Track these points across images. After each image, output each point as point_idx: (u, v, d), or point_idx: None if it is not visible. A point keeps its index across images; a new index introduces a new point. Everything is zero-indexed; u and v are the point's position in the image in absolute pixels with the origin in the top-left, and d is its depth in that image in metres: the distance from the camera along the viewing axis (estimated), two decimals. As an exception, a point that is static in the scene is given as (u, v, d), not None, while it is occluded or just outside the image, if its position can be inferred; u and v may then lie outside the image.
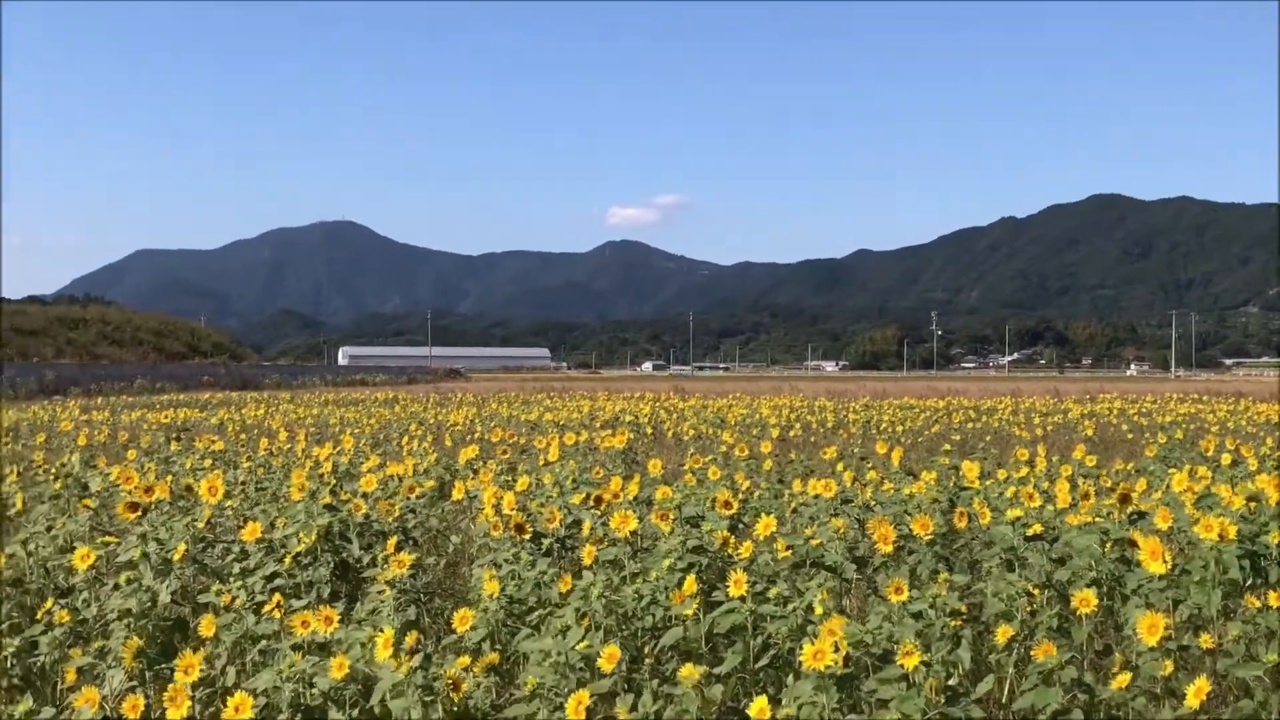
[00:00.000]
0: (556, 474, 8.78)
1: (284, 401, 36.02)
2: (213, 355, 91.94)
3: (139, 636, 4.55)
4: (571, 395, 41.07)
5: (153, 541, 5.91)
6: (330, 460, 9.86)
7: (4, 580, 5.51)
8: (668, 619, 4.81)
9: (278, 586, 5.62)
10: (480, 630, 4.62)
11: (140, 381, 57.02)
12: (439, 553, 7.89)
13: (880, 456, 11.61)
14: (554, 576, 5.12)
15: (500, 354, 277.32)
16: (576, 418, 22.99)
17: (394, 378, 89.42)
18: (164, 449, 14.16)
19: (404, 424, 20.89)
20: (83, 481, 9.00)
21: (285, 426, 19.47)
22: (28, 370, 56.36)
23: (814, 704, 3.59)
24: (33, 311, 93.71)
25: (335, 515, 6.61)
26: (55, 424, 22.08)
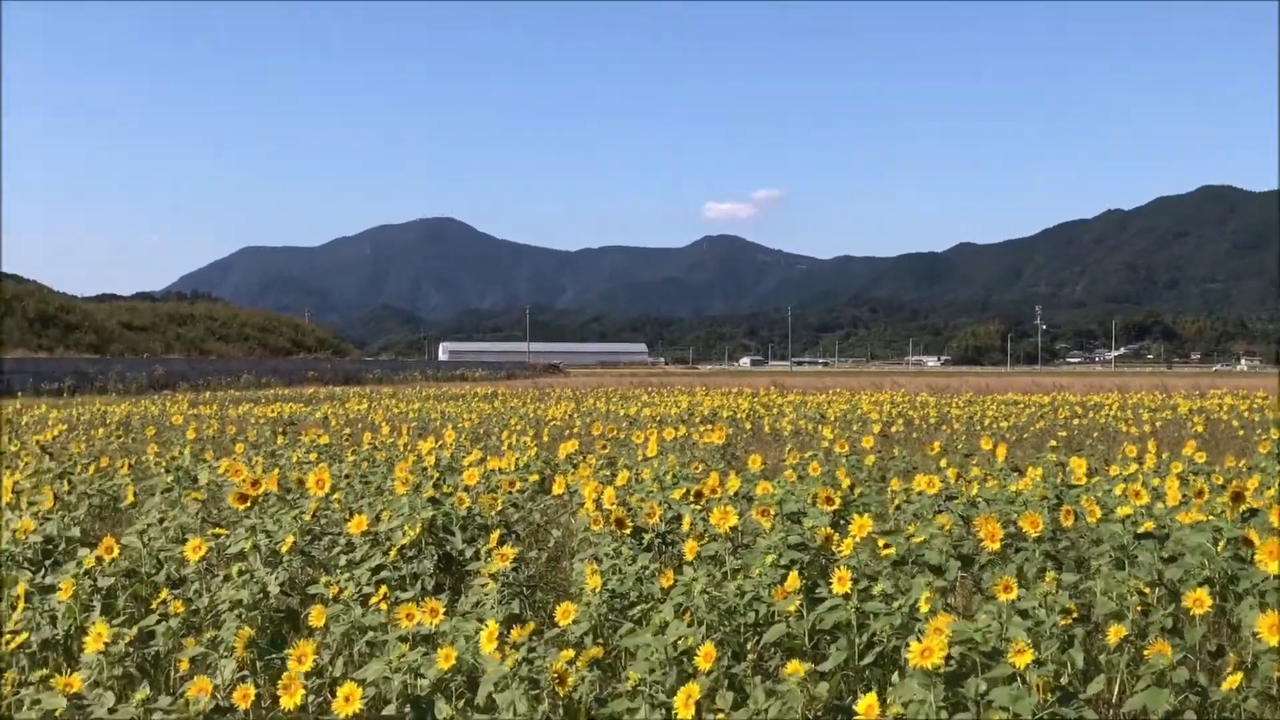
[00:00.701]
0: (656, 469, 8.78)
1: (386, 396, 36.50)
2: (316, 351, 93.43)
3: (249, 627, 4.64)
4: (669, 390, 41.08)
5: (262, 533, 6.02)
6: (433, 454, 9.95)
7: (120, 571, 5.64)
8: (770, 615, 4.79)
9: (384, 579, 5.70)
10: (582, 624, 4.63)
11: (246, 376, 58.13)
12: (540, 546, 7.94)
13: (985, 453, 11.45)
14: (655, 571, 5.12)
15: (598, 349, 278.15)
16: (674, 413, 22.99)
17: (493, 373, 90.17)
18: (270, 443, 14.41)
19: (504, 418, 21.05)
20: (192, 474, 9.19)
21: (388, 421, 19.73)
22: (138, 365, 57.72)
23: (921, 702, 3.55)
24: (142, 308, 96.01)
25: (439, 509, 6.68)
26: (165, 418, 22.56)
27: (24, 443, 14.37)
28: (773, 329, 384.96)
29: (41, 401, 34.86)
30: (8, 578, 5.79)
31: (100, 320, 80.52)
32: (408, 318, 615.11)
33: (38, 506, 7.06)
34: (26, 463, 11.24)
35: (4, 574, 5.89)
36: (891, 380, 61.64)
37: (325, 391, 45.15)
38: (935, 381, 61.38)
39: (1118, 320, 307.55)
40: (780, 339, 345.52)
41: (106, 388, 47.84)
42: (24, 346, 66.99)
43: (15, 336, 68.82)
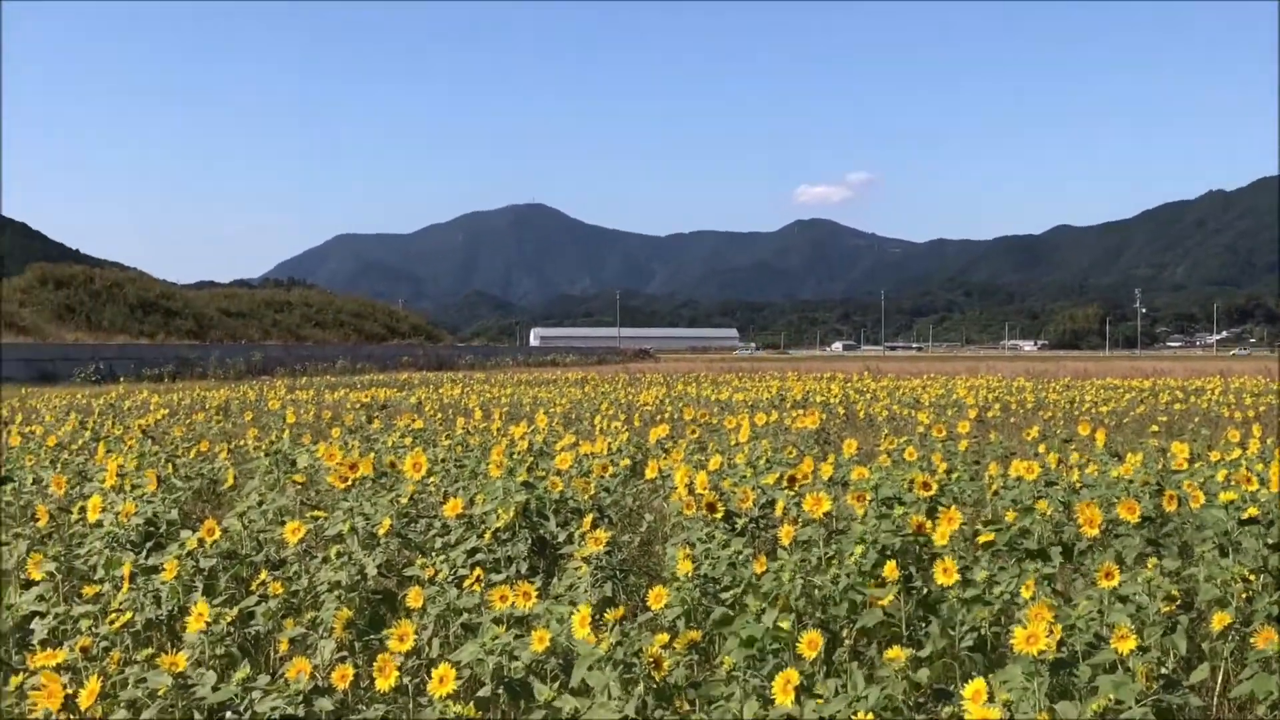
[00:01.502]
0: (749, 454, 8.74)
1: (478, 381, 36.80)
2: (410, 336, 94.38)
3: (348, 608, 4.69)
4: (760, 375, 40.92)
5: (359, 516, 6.09)
6: (525, 439, 10.01)
7: (221, 552, 5.74)
8: (865, 601, 4.74)
9: (478, 561, 5.73)
10: (675, 608, 4.62)
11: (342, 362, 58.97)
12: (632, 530, 7.94)
13: (1084, 438, 11.25)
14: (748, 556, 5.09)
15: (688, 334, 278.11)
16: (766, 398, 22.89)
17: (584, 358, 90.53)
18: (366, 427, 14.60)
19: (595, 403, 21.10)
20: (290, 458, 9.33)
21: (481, 406, 19.89)
22: (236, 351, 58.83)
23: (1025, 689, 3.48)
24: (241, 295, 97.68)
25: (532, 492, 6.71)
26: (263, 403, 22.94)
27: (127, 427, 14.68)
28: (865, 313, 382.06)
29: (143, 386, 35.66)
30: (113, 558, 5.92)
31: (200, 307, 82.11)
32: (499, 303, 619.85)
33: (141, 489, 7.20)
34: (129, 446, 11.49)
35: (109, 555, 6.02)
36: (987, 365, 60.86)
37: (419, 377, 45.64)
38: (1032, 366, 60.49)
39: (1219, 303, 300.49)
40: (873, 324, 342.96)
41: (206, 373, 48.86)
42: (126, 333, 68.52)
43: (118, 323, 70.43)
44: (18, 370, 46.55)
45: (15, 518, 7.59)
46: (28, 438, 12.65)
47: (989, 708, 3.18)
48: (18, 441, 12.07)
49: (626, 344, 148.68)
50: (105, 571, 5.82)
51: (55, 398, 26.53)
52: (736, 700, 3.50)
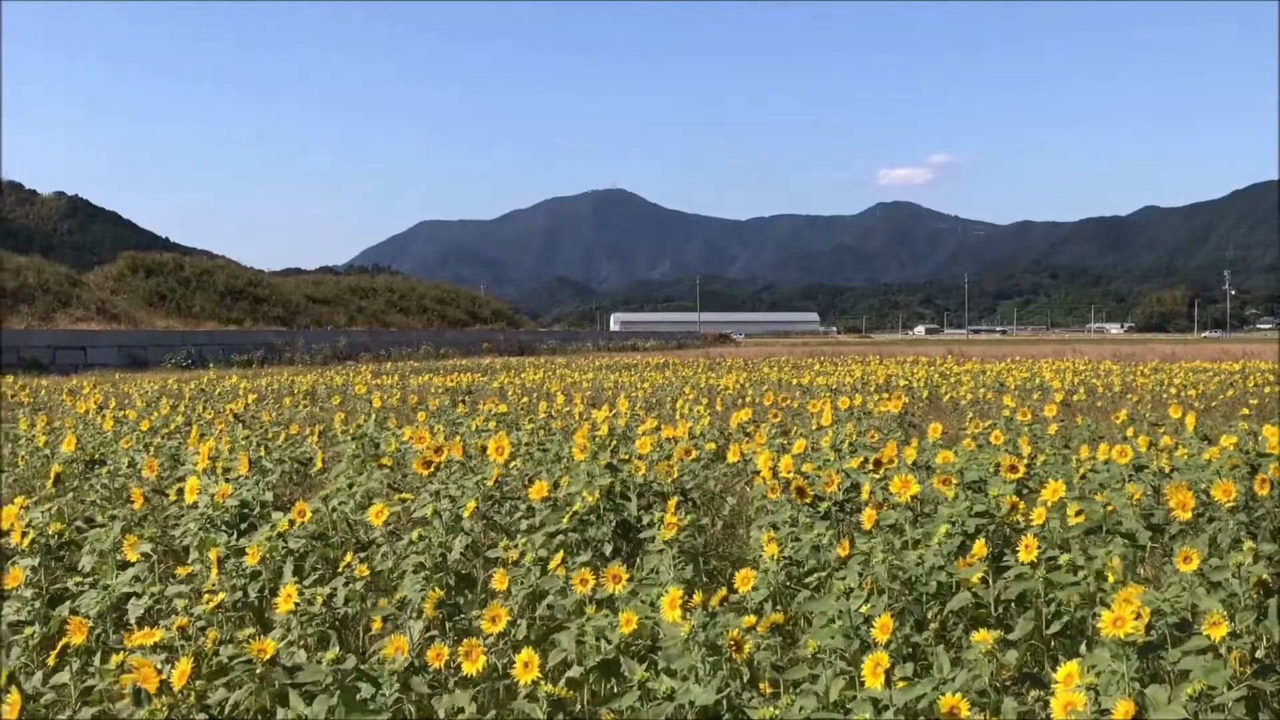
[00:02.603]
0: (833, 437, 8.71)
1: (560, 366, 36.97)
2: (491, 322, 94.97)
3: (434, 589, 4.74)
4: (842, 359, 40.67)
5: (444, 499, 6.15)
6: (607, 423, 10.04)
7: (310, 534, 5.83)
8: (952, 585, 4.71)
9: (562, 543, 5.77)
10: (761, 591, 4.62)
11: (425, 347, 59.59)
12: (715, 514, 7.94)
13: (1173, 422, 11.06)
14: (833, 540, 5.08)
15: (769, 318, 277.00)
16: (849, 382, 22.76)
17: (664, 343, 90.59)
18: (450, 411, 14.74)
19: (676, 388, 21.12)
20: (377, 442, 9.45)
21: (563, 390, 19.99)
22: (322, 337, 59.69)
23: (1113, 672, 3.44)
24: (326, 281, 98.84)
25: (616, 475, 6.73)
26: (349, 387, 23.25)
27: (218, 411, 14.95)
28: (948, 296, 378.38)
29: (232, 372, 36.28)
30: (207, 540, 6.04)
31: (287, 293, 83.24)
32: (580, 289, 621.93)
33: (234, 472, 7.33)
34: (220, 430, 11.71)
35: (204, 536, 6.15)
36: (1073, 348, 59.96)
37: (501, 362, 45.98)
38: (1119, 349, 59.52)
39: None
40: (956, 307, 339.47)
41: (293, 359, 49.63)
42: (215, 319, 69.70)
43: (207, 310, 71.64)
44: (110, 357, 47.60)
45: (111, 500, 7.77)
46: (121, 422, 12.92)
47: (1077, 692, 3.15)
48: (111, 426, 12.33)
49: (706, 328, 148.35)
50: (200, 553, 5.94)
51: (147, 383, 27.08)
52: (822, 682, 3.50)
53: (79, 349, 47.97)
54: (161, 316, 66.87)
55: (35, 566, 5.46)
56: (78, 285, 65.59)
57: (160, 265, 76.32)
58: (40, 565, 5.50)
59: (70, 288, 64.03)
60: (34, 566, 5.45)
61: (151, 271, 74.42)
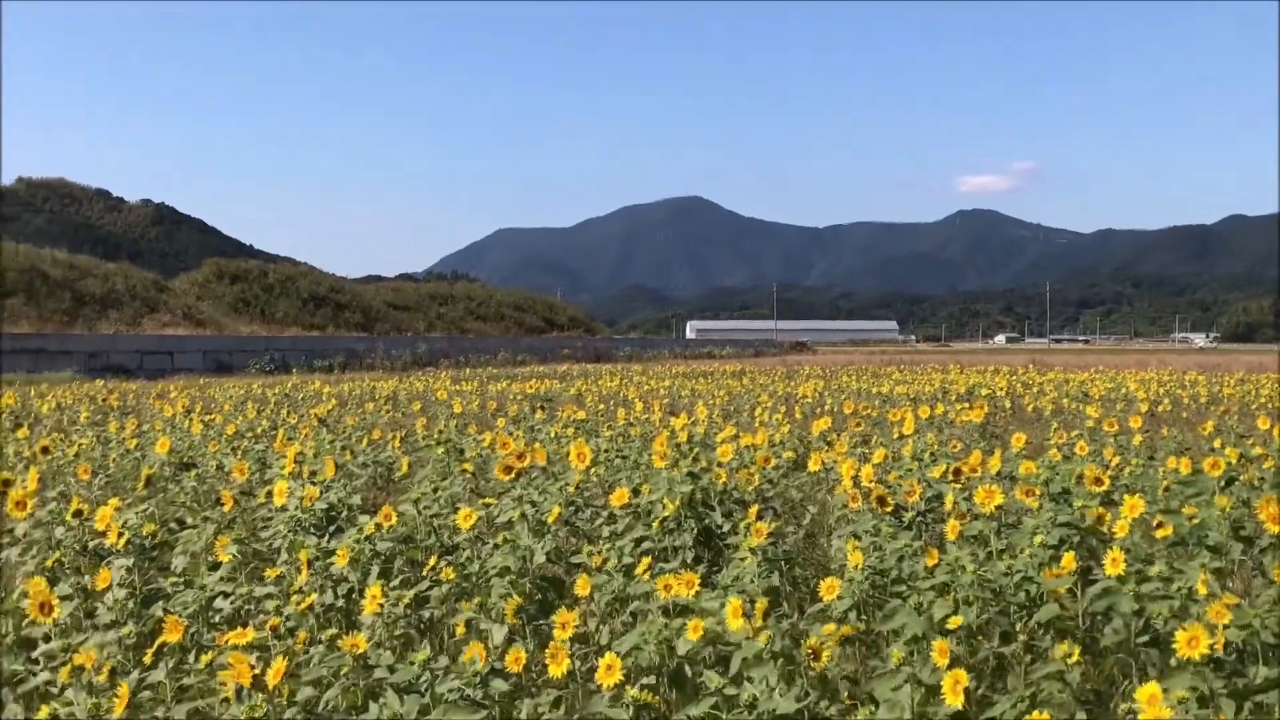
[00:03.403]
0: (914, 447, 8.65)
1: (636, 373, 37.04)
2: (568, 329, 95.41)
3: (518, 594, 4.78)
4: (921, 368, 40.35)
5: (527, 504, 6.20)
6: (686, 430, 10.05)
7: (397, 537, 5.90)
8: (1040, 596, 4.66)
9: (645, 550, 5.80)
10: (845, 600, 4.61)
11: (503, 354, 60.03)
12: (796, 523, 7.93)
13: (1261, 433, 10.86)
14: (918, 549, 5.05)
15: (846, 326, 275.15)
16: (929, 390, 22.59)
17: (740, 350, 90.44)
18: (529, 418, 14.82)
19: (754, 396, 21.07)
20: (461, 447, 9.54)
21: (640, 397, 20.03)
22: (402, 343, 60.33)
23: (1194, 690, 3.39)
24: (406, 288, 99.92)
25: (697, 483, 6.74)
26: (430, 393, 23.47)
27: (302, 416, 15.17)
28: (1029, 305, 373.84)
29: (315, 377, 36.76)
30: (295, 542, 6.13)
31: (367, 300, 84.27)
32: (656, 296, 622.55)
33: (320, 476, 7.44)
34: (305, 434, 11.88)
35: (293, 538, 6.25)
36: (1157, 358, 59.04)
37: (578, 369, 46.15)
38: (1204, 359, 58.48)
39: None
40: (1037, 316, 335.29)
41: (374, 364, 50.22)
42: (298, 325, 70.75)
43: (290, 316, 72.73)
44: (196, 362, 48.47)
45: (200, 502, 7.91)
46: (208, 426, 13.16)
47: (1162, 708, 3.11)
48: (199, 429, 12.56)
49: (783, 336, 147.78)
50: (289, 554, 6.04)
51: (232, 388, 27.51)
52: (905, 694, 3.48)
53: (166, 354, 48.88)
54: (245, 322, 67.99)
55: (129, 567, 5.58)
56: (164, 291, 66.90)
57: (245, 272, 77.63)
58: (134, 566, 5.62)
59: (157, 294, 65.32)
60: (128, 567, 5.57)
61: (236, 278, 75.72)
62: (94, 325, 55.90)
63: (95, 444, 11.10)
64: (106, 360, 44.99)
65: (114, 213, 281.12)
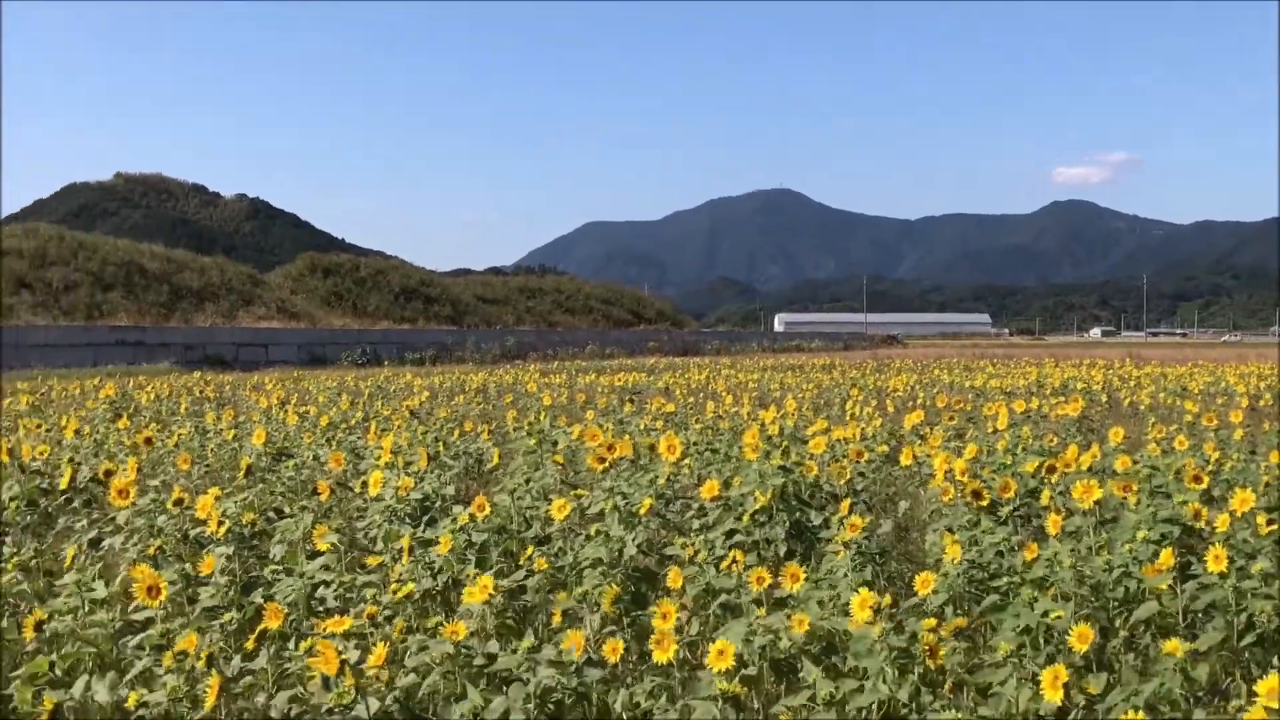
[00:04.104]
0: (1009, 441, 8.55)
1: (724, 366, 36.97)
2: (655, 322, 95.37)
3: (610, 584, 4.81)
4: (1015, 362, 39.81)
5: (618, 495, 6.22)
6: (776, 423, 10.02)
7: (492, 527, 5.96)
8: (1140, 592, 4.59)
9: (736, 543, 5.79)
10: (941, 594, 4.57)
11: (591, 347, 60.25)
12: (888, 516, 7.87)
13: (1370, 429, 10.57)
14: (1015, 544, 5.00)
15: (938, 319, 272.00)
16: (1023, 384, 22.29)
17: (829, 344, 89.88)
18: (618, 410, 14.87)
19: (844, 389, 20.93)
20: (550, 439, 9.60)
21: (729, 390, 19.99)
22: (491, 336, 60.84)
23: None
24: (494, 282, 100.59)
25: (789, 476, 6.72)
26: (520, 386, 23.63)
27: (394, 408, 15.36)
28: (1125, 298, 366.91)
29: (406, 369, 37.20)
30: (391, 531, 6.22)
31: (457, 293, 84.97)
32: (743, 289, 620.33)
33: (414, 466, 7.54)
34: (398, 426, 12.03)
35: (389, 528, 6.34)
36: (1257, 352, 57.63)
37: (665, 362, 46.18)
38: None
39: None
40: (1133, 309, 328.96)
41: (463, 357, 50.69)
42: (389, 318, 71.54)
43: (382, 309, 73.57)
44: (290, 354, 49.27)
45: (297, 492, 8.04)
46: (303, 417, 13.36)
47: (1275, 703, 3.04)
48: (294, 421, 12.76)
49: (873, 329, 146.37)
50: (385, 543, 6.13)
51: (326, 379, 27.94)
52: (1010, 688, 3.45)
53: (261, 346, 49.77)
54: (338, 315, 68.91)
55: (230, 555, 5.70)
56: (259, 285, 68.05)
57: (337, 266, 78.66)
58: (234, 553, 5.74)
59: (252, 287, 66.45)
60: (228, 555, 5.69)
61: (329, 272, 76.75)
62: (191, 318, 57.03)
63: (194, 434, 11.34)
64: (203, 352, 45.92)
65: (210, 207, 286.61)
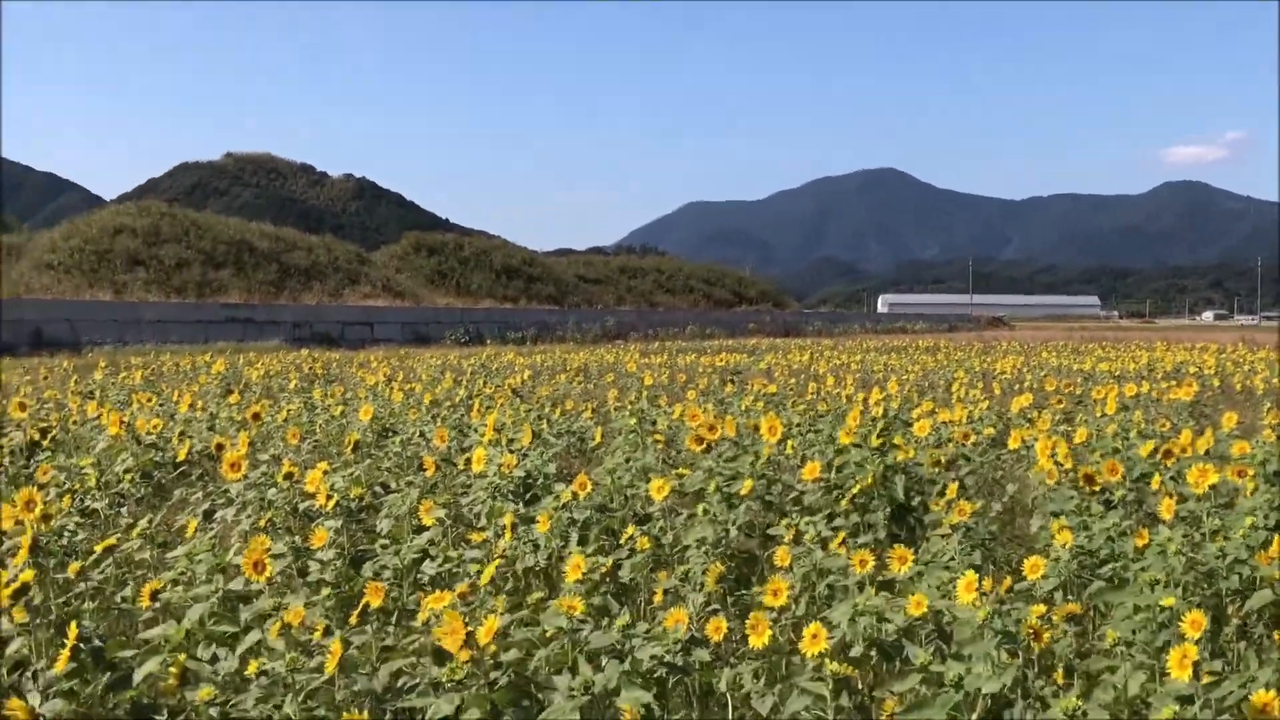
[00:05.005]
0: (1120, 425, 8.38)
1: (826, 348, 36.74)
2: (757, 303, 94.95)
3: (714, 563, 4.81)
4: (1125, 345, 39.04)
5: (719, 475, 6.21)
6: (880, 405, 9.93)
7: (593, 505, 5.98)
8: (1254, 580, 4.47)
9: (838, 525, 5.75)
10: (1051, 580, 4.50)
11: (691, 327, 60.24)
12: (994, 500, 7.77)
13: None
14: (1127, 530, 4.90)
15: (1045, 301, 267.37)
16: (1133, 368, 21.85)
17: (934, 325, 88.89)
18: (718, 390, 14.85)
19: (949, 372, 20.69)
20: (651, 418, 9.62)
21: (831, 372, 19.85)
22: (592, 316, 61.09)
23: None
24: (596, 262, 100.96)
25: (892, 458, 6.66)
26: (620, 365, 23.70)
27: (497, 386, 15.50)
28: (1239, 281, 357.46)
29: (508, 348, 37.53)
30: (495, 508, 6.28)
31: (559, 273, 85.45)
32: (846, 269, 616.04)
33: (517, 444, 7.60)
34: (500, 404, 12.13)
35: (492, 504, 6.40)
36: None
37: (767, 343, 46.02)
38: None
39: None
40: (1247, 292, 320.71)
41: (564, 336, 51.01)
42: (492, 297, 72.18)
43: (484, 288, 74.23)
44: (394, 332, 49.96)
45: (403, 468, 8.15)
46: (409, 394, 13.54)
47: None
48: (400, 398, 12.93)
49: (978, 311, 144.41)
50: (488, 520, 6.18)
51: (430, 357, 28.27)
52: (1122, 673, 3.38)
53: (366, 324, 50.51)
54: (442, 294, 69.68)
55: (338, 528, 5.79)
56: (365, 263, 69.03)
57: (441, 245, 79.52)
58: (342, 527, 5.83)
59: (358, 266, 67.44)
60: (336, 528, 5.78)
61: (433, 251, 77.63)
62: (298, 296, 58.01)
63: (302, 410, 11.54)
64: (310, 330, 46.73)
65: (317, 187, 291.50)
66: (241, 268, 59.08)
